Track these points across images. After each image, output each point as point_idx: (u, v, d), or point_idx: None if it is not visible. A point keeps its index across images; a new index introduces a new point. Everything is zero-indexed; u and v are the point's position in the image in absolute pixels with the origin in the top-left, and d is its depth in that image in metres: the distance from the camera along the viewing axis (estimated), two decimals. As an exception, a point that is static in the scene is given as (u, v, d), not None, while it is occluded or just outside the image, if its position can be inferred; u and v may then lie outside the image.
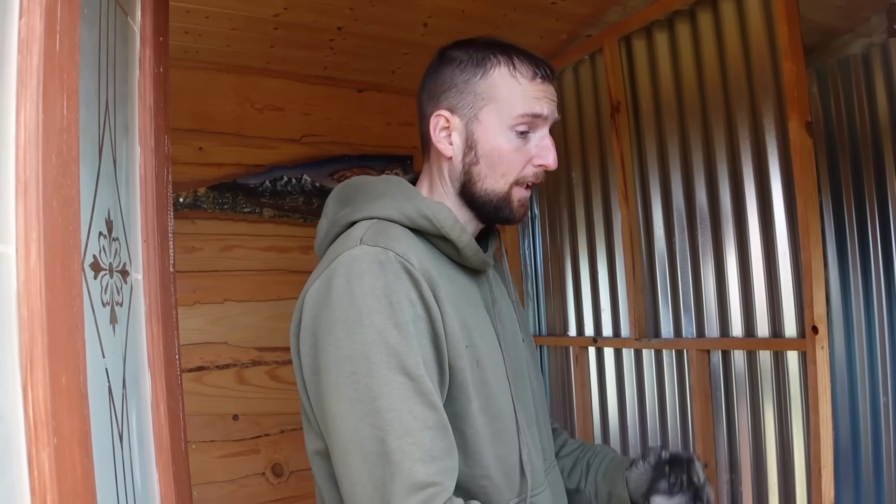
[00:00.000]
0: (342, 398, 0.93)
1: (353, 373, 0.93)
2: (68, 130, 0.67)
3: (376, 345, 0.92)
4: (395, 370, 0.92)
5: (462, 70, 1.11)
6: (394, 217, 1.06)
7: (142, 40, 1.06)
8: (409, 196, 1.08)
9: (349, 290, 0.95)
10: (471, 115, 1.10)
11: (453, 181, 1.13)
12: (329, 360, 0.95)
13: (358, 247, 0.99)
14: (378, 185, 1.12)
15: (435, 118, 1.11)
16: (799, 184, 1.81)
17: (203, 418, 2.41)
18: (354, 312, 0.94)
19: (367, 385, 0.92)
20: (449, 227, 1.05)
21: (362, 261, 0.96)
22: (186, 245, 2.43)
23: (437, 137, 1.11)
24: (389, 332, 0.93)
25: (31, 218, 0.58)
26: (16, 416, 0.55)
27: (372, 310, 0.93)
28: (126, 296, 0.86)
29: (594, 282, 2.57)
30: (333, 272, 0.98)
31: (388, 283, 0.95)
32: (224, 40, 2.38)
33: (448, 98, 1.11)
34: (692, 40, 2.18)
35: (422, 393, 0.93)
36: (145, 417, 0.90)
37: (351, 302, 0.94)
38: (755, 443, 1.98)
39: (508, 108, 1.09)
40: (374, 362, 0.92)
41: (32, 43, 0.63)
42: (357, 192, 1.13)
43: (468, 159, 1.11)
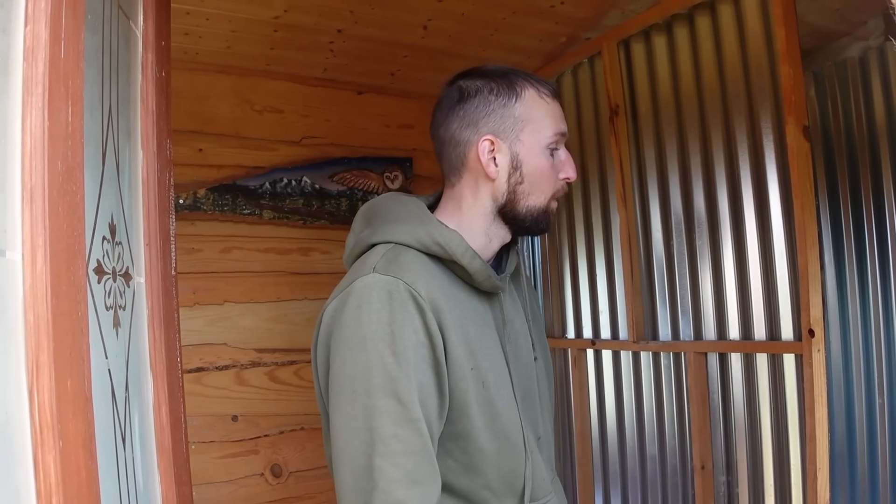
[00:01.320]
0: (341, 413, 1.03)
1: (352, 391, 1.02)
2: (73, 137, 0.67)
3: (375, 369, 1.01)
4: (388, 395, 1.00)
5: (497, 95, 1.17)
6: (409, 242, 1.13)
7: (144, 45, 1.07)
8: (423, 223, 1.14)
9: (358, 315, 1.04)
10: (513, 138, 1.17)
11: (495, 201, 1.19)
12: (335, 375, 1.05)
13: (371, 275, 1.06)
14: (397, 209, 1.19)
15: (483, 143, 1.16)
16: (796, 187, 1.82)
17: (202, 419, 2.42)
18: (360, 337, 1.03)
19: (362, 405, 1.01)
20: (460, 254, 1.12)
21: (373, 289, 1.05)
22: (186, 246, 2.44)
23: (487, 160, 1.16)
24: (388, 359, 1.01)
25: (37, 224, 0.59)
26: (22, 419, 0.56)
27: (375, 336, 1.02)
28: (129, 299, 0.87)
29: (592, 284, 2.58)
30: (348, 296, 1.07)
31: (393, 312, 1.03)
32: (224, 42, 2.39)
33: (489, 123, 1.17)
34: (690, 44, 2.19)
35: (410, 419, 1.00)
36: (147, 420, 0.91)
37: (358, 326, 1.03)
38: (752, 445, 1.99)
39: (543, 127, 1.17)
40: (371, 385, 1.01)
41: (38, 51, 0.64)
42: (378, 215, 1.20)
43: (513, 179, 1.17)
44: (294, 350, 2.61)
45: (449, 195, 1.23)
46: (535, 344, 1.31)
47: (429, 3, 2.21)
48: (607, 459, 2.51)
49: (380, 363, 1.01)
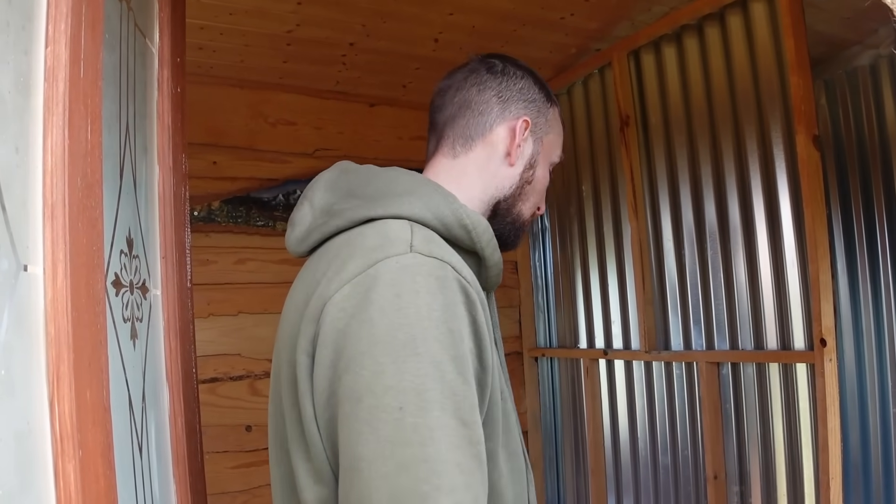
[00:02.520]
0: (377, 437, 0.75)
1: (398, 408, 0.75)
2: (92, 154, 0.69)
3: (431, 379, 0.76)
4: (448, 412, 0.76)
5: (539, 90, 1.10)
6: (426, 220, 0.90)
7: (160, 62, 1.09)
8: (444, 197, 0.93)
9: (399, 307, 0.79)
10: (539, 136, 1.09)
11: (499, 188, 1.07)
12: (362, 387, 0.77)
13: (409, 254, 0.82)
14: (403, 179, 0.96)
15: (521, 121, 1.06)
16: (806, 197, 1.82)
17: (216, 429, 2.43)
18: (407, 335, 0.77)
19: (414, 426, 0.75)
20: (486, 242, 0.95)
21: (417, 273, 0.81)
22: (201, 258, 2.47)
23: (518, 140, 1.05)
24: (447, 365, 0.78)
25: (57, 240, 0.61)
26: (43, 429, 0.58)
27: (429, 336, 0.78)
28: (146, 311, 0.89)
29: (604, 294, 2.59)
30: (374, 280, 0.80)
31: (448, 306, 0.80)
32: (238, 56, 2.42)
33: (527, 108, 1.08)
34: (700, 54, 2.20)
35: (472, 443, 0.78)
36: (163, 430, 0.93)
37: (402, 322, 0.78)
38: (764, 454, 1.99)
39: (557, 146, 1.12)
40: (426, 400, 0.76)
41: (58, 71, 0.66)
42: (370, 184, 0.96)
43: (526, 175, 1.08)
44: (307, 360, 2.63)
45: (445, 167, 1.07)
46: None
47: (440, 17, 2.24)
48: (620, 469, 2.50)
49: (436, 371, 0.77)
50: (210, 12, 2.09)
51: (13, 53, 0.60)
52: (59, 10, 0.67)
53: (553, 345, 2.86)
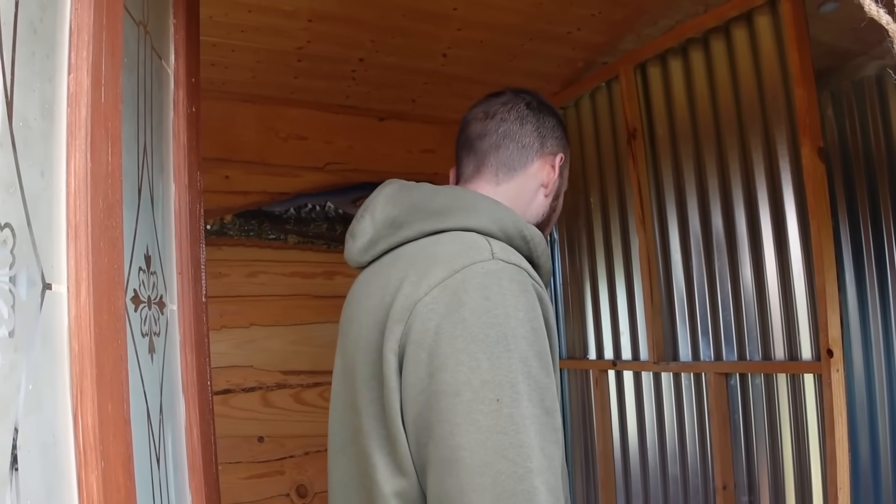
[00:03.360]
0: (478, 427, 0.83)
1: (496, 400, 0.83)
2: (113, 175, 0.72)
3: (520, 373, 0.85)
4: (535, 403, 0.85)
5: (563, 128, 1.24)
6: (492, 231, 0.99)
7: (175, 83, 1.13)
8: (506, 211, 1.03)
9: (488, 308, 0.87)
10: (563, 169, 1.22)
11: (534, 216, 1.19)
12: (461, 380, 0.84)
13: (492, 261, 0.91)
14: (465, 196, 1.05)
15: (558, 157, 1.20)
16: (812, 208, 1.83)
17: (229, 440, 2.46)
18: (499, 334, 0.86)
19: (509, 416, 0.83)
20: (541, 252, 1.05)
21: (502, 277, 0.89)
22: (213, 271, 2.50)
23: (556, 174, 1.19)
24: (532, 360, 0.87)
25: (80, 259, 0.64)
26: (67, 441, 0.60)
27: (517, 334, 0.86)
28: (163, 326, 0.91)
29: (613, 305, 2.60)
30: (463, 284, 0.89)
31: (530, 308, 0.89)
32: (249, 72, 2.46)
33: (559, 145, 1.21)
34: (706, 67, 2.22)
35: (555, 429, 0.87)
36: (179, 441, 0.95)
37: (493, 321, 0.86)
38: (773, 465, 1.99)
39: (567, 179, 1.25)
40: (518, 392, 0.84)
41: (80, 97, 0.69)
42: (434, 200, 1.04)
43: (554, 204, 1.22)
44: (319, 372, 2.66)
45: (489, 191, 1.15)
46: None
47: (448, 32, 2.27)
48: (630, 480, 2.51)
49: (524, 366, 0.85)
50: (223, 30, 2.13)
51: (39, 81, 0.63)
52: (80, 38, 0.70)
53: (562, 356, 2.87)
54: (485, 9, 2.14)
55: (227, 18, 2.07)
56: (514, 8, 2.15)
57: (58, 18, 0.68)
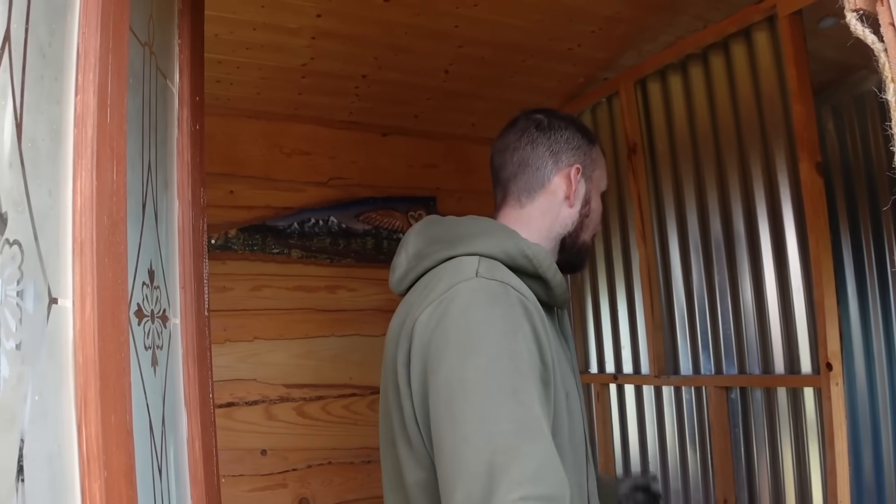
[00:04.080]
0: (453, 418, 0.95)
1: (464, 394, 0.96)
2: (117, 193, 0.74)
3: (491, 371, 0.96)
4: (507, 395, 0.95)
5: (582, 135, 1.31)
6: (495, 254, 1.12)
7: (180, 101, 1.15)
8: (510, 235, 1.17)
9: (465, 319, 1.00)
10: (589, 174, 1.30)
11: (563, 227, 1.28)
12: (441, 382, 0.98)
13: (475, 279, 1.05)
14: (475, 224, 1.20)
15: (574, 169, 1.27)
16: (810, 223, 1.84)
17: (232, 453, 2.47)
18: (470, 338, 0.99)
19: (477, 407, 0.94)
20: (546, 268, 1.15)
21: (480, 292, 1.03)
22: (217, 285, 2.52)
23: (574, 185, 1.27)
24: (503, 360, 0.97)
25: (86, 274, 0.66)
26: (72, 451, 0.62)
27: (489, 337, 0.98)
28: (166, 340, 0.93)
29: (614, 319, 2.61)
30: (451, 301, 1.03)
31: (505, 314, 1.01)
32: (254, 88, 2.49)
33: (576, 155, 1.29)
34: (705, 83, 2.24)
35: (533, 417, 0.95)
36: (181, 453, 0.97)
37: (467, 329, 0.99)
38: (774, 479, 2.00)
39: (603, 177, 1.34)
40: (488, 387, 0.95)
41: (87, 118, 0.72)
42: (446, 230, 1.20)
43: (584, 210, 1.29)
44: (322, 385, 2.67)
45: (514, 216, 1.29)
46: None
47: (450, 49, 2.30)
48: (632, 494, 2.51)
49: (495, 364, 0.96)
50: (227, 47, 2.16)
51: (47, 103, 0.66)
52: (87, 61, 0.73)
53: (565, 369, 2.88)
54: (486, 26, 2.17)
55: (232, 36, 2.10)
56: (515, 25, 2.18)
57: (66, 42, 0.71)
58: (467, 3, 2.03)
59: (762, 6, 1.98)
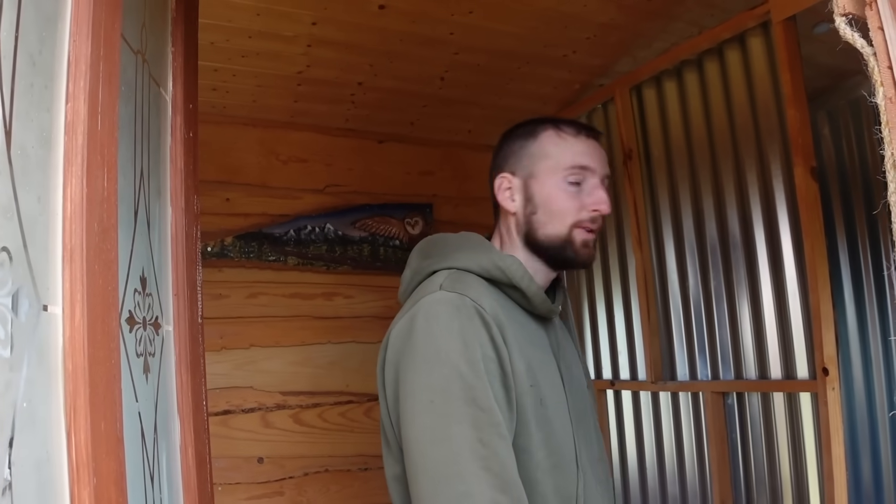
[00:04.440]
0: (418, 425, 1.06)
1: (430, 402, 1.06)
2: (108, 200, 0.74)
3: (452, 378, 1.05)
4: (468, 402, 1.04)
5: (515, 139, 1.34)
6: (470, 268, 1.21)
7: (173, 109, 1.15)
8: (484, 249, 1.25)
9: (429, 330, 1.10)
10: (527, 174, 1.30)
11: (519, 233, 1.31)
12: (408, 390, 1.09)
13: (438, 292, 1.14)
14: (457, 240, 1.30)
15: (498, 180, 1.33)
16: (806, 227, 1.85)
17: (229, 461, 2.46)
18: (433, 349, 1.08)
19: (442, 414, 1.04)
20: (518, 277, 1.20)
21: (441, 304, 1.12)
22: (214, 292, 2.52)
23: (502, 196, 1.32)
24: (463, 368, 1.06)
25: (75, 281, 0.66)
26: (60, 458, 0.62)
27: (448, 347, 1.07)
28: (158, 346, 0.93)
29: (611, 325, 2.61)
30: (416, 314, 1.13)
31: (463, 325, 1.09)
32: (250, 96, 2.50)
33: (507, 163, 1.33)
34: (700, 89, 2.25)
35: (492, 424, 1.04)
36: (174, 460, 0.97)
37: (430, 340, 1.09)
38: (771, 484, 2.00)
39: (558, 161, 1.28)
40: (450, 394, 1.05)
41: (77, 125, 0.72)
42: (436, 246, 1.30)
43: (528, 210, 1.30)
44: (319, 393, 2.67)
45: (495, 234, 1.37)
46: (585, 375, 1.40)
47: (445, 55, 2.30)
48: (629, 500, 2.51)
49: (455, 372, 1.05)
50: (223, 55, 2.17)
51: (37, 111, 0.66)
52: (78, 68, 0.73)
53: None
54: (481, 33, 2.17)
55: (227, 44, 2.10)
56: (510, 32, 2.18)
57: (56, 50, 0.71)
58: (462, 11, 2.04)
59: (756, 12, 1.99)
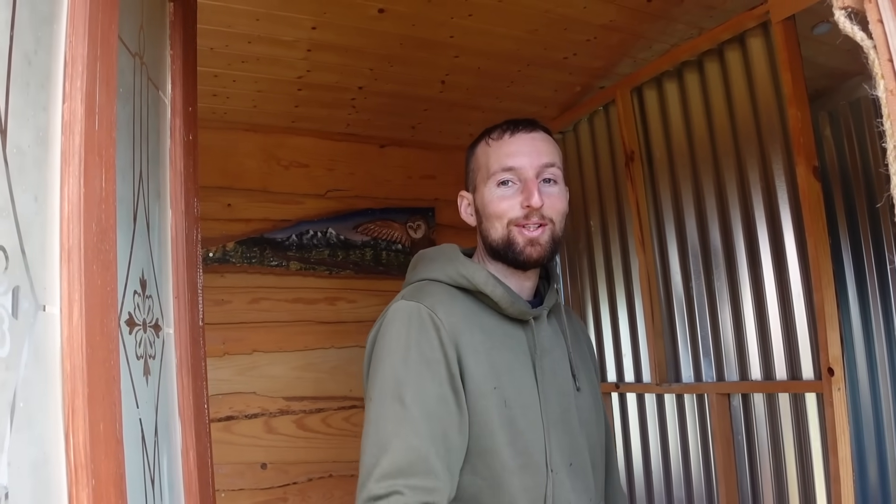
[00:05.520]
0: (367, 415, 1.18)
1: (370, 399, 1.18)
2: (106, 201, 0.74)
3: (388, 379, 1.16)
4: (395, 400, 1.14)
5: (467, 158, 1.40)
6: (440, 278, 1.30)
7: (172, 111, 1.15)
8: (451, 260, 1.32)
9: (384, 336, 1.21)
10: (473, 188, 1.37)
11: (484, 244, 1.35)
12: (365, 388, 1.24)
13: (399, 301, 1.24)
14: (434, 253, 1.38)
15: (458, 199, 1.41)
16: (809, 227, 1.84)
17: (232, 467, 2.46)
18: (384, 353, 1.19)
19: (376, 410, 1.16)
20: (482, 283, 1.26)
21: (398, 312, 1.22)
22: (216, 298, 2.52)
23: (464, 214, 1.39)
24: (399, 369, 1.16)
25: (73, 281, 0.66)
26: (59, 458, 0.62)
27: (394, 351, 1.18)
28: (158, 349, 0.93)
29: (615, 327, 2.60)
30: (381, 321, 1.26)
31: (410, 331, 1.18)
32: (251, 102, 2.50)
33: (465, 181, 1.41)
34: (701, 90, 2.25)
35: (410, 419, 1.12)
36: (175, 464, 0.96)
37: (384, 344, 1.20)
38: (778, 486, 1.98)
39: (488, 169, 1.32)
40: (384, 392, 1.16)
41: (74, 125, 0.71)
42: (422, 260, 1.38)
43: (480, 221, 1.35)
44: (322, 398, 2.66)
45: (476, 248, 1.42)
46: (581, 378, 1.37)
47: (445, 59, 2.30)
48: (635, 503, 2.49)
49: (392, 373, 1.16)
50: (224, 60, 2.17)
51: (33, 110, 0.66)
52: (74, 68, 0.72)
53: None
54: (481, 36, 2.17)
55: (227, 49, 2.10)
56: (510, 35, 2.18)
57: (52, 50, 0.71)
58: (462, 14, 2.03)
59: (755, 12, 1.99)
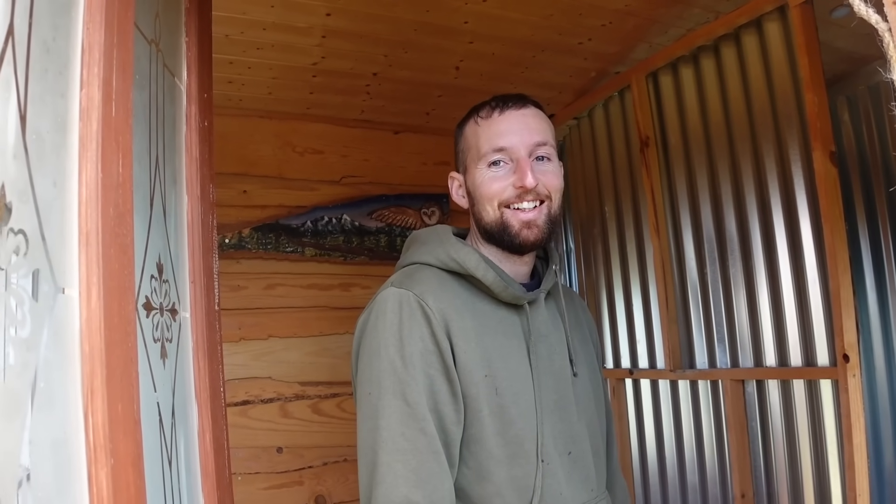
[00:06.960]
0: (360, 413, 1.15)
1: (368, 394, 1.13)
2: (123, 186, 0.75)
3: (385, 373, 1.12)
4: (396, 396, 1.10)
5: (456, 141, 1.37)
6: (430, 261, 1.26)
7: (188, 98, 1.16)
8: (442, 243, 1.27)
9: (375, 325, 1.17)
10: (464, 169, 1.33)
11: (476, 227, 1.32)
12: (358, 380, 1.18)
13: (388, 289, 1.20)
14: (425, 235, 1.33)
15: (449, 180, 1.38)
16: (825, 212, 1.82)
17: (248, 451, 2.49)
18: (376, 344, 1.14)
19: (374, 406, 1.11)
20: (473, 267, 1.22)
21: (387, 301, 1.17)
22: (232, 284, 2.54)
23: (455, 196, 1.36)
24: (397, 363, 1.12)
25: (91, 265, 0.67)
26: (78, 439, 0.63)
27: (387, 343, 1.13)
28: (175, 333, 0.94)
29: (629, 314, 2.60)
30: (370, 309, 1.21)
31: (402, 321, 1.14)
32: (266, 88, 2.51)
33: (456, 162, 1.37)
34: (717, 74, 2.23)
35: (415, 418, 1.09)
36: (192, 445, 0.98)
37: (375, 335, 1.15)
38: (792, 473, 1.98)
39: (478, 150, 1.29)
40: (382, 387, 1.11)
41: (91, 111, 0.72)
42: (413, 243, 1.35)
43: (472, 203, 1.32)
44: (337, 383, 2.68)
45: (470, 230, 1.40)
46: (580, 363, 1.33)
47: (460, 45, 2.30)
48: (649, 490, 2.50)
49: (390, 367, 1.11)
50: (239, 48, 2.18)
51: (51, 96, 0.67)
52: (92, 55, 0.73)
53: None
54: (496, 22, 2.16)
55: (242, 37, 2.11)
56: (524, 20, 2.17)
57: (70, 37, 0.72)
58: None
59: (773, -4, 1.97)
